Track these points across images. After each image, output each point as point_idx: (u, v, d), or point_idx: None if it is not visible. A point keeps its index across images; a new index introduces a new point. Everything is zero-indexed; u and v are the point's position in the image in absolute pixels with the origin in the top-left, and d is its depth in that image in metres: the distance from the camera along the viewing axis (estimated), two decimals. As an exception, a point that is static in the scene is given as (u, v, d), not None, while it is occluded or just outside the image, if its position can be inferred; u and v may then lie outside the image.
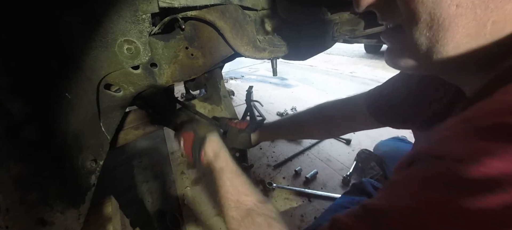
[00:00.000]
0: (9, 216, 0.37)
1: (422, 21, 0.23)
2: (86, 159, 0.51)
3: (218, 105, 0.92)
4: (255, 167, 1.27)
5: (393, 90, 0.54)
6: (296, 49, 0.66)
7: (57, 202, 0.45)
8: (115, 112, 0.56)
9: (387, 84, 0.56)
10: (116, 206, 0.64)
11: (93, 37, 0.43)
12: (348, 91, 2.43)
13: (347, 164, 1.26)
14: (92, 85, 0.47)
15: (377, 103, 0.57)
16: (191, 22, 0.53)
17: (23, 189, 0.40)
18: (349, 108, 0.67)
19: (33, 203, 0.41)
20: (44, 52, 0.42)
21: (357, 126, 0.68)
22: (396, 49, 0.29)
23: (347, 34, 0.71)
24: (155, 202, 1.11)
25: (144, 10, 0.45)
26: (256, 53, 0.59)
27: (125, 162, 1.39)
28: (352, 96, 0.68)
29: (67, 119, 0.47)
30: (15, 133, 0.40)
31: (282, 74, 3.10)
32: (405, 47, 0.27)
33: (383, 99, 0.56)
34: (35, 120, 0.42)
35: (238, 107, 2.05)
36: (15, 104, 0.39)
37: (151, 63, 0.52)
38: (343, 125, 0.70)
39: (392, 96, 0.53)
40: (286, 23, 0.63)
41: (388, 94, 0.55)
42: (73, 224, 0.47)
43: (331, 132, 0.79)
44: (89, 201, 0.51)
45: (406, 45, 0.26)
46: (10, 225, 0.37)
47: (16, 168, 0.39)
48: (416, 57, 0.26)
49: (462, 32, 0.22)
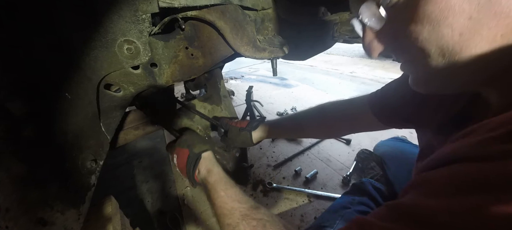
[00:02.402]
0: (9, 216, 0.37)
1: (434, 52, 0.26)
2: (86, 159, 0.51)
3: (218, 105, 0.91)
4: (255, 167, 1.27)
5: (397, 92, 0.54)
6: (296, 49, 0.66)
7: (57, 202, 0.45)
8: (115, 112, 0.56)
9: (390, 86, 0.57)
10: (116, 206, 0.64)
11: (93, 37, 0.43)
12: (348, 91, 2.43)
13: (347, 164, 1.26)
14: (92, 85, 0.47)
15: (382, 105, 0.57)
16: (191, 22, 0.53)
17: (23, 189, 0.40)
18: (352, 110, 0.67)
19: (33, 203, 0.41)
20: (44, 52, 0.42)
21: (360, 127, 0.68)
22: (420, 77, 0.31)
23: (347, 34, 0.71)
24: (155, 202, 1.10)
25: (144, 10, 0.45)
26: (256, 53, 0.59)
27: (125, 162, 1.39)
28: (355, 97, 0.68)
29: (67, 119, 0.47)
30: (15, 133, 0.40)
31: (282, 74, 3.10)
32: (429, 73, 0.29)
33: (388, 101, 0.56)
34: (35, 120, 0.42)
35: (238, 107, 2.05)
36: (15, 104, 0.39)
37: (151, 63, 0.52)
38: (345, 126, 0.70)
39: (397, 97, 0.53)
40: (286, 23, 0.63)
41: (393, 96, 0.55)
42: (73, 224, 0.47)
43: (332, 132, 0.79)
44: (89, 201, 0.51)
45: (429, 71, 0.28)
46: (10, 225, 0.37)
47: (16, 168, 0.39)
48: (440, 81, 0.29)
49: (476, 51, 0.24)
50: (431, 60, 0.27)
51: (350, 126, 0.69)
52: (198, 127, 0.86)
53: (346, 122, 0.68)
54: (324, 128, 0.73)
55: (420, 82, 0.32)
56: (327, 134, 0.83)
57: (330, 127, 0.72)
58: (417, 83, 0.32)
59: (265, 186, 1.13)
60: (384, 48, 0.31)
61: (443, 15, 0.23)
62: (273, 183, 1.14)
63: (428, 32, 0.25)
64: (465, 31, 0.23)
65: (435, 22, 0.24)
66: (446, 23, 0.23)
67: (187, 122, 0.85)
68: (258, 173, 1.24)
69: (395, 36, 0.29)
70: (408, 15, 0.26)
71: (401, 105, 0.52)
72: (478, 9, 0.22)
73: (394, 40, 0.29)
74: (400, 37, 0.28)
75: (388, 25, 0.29)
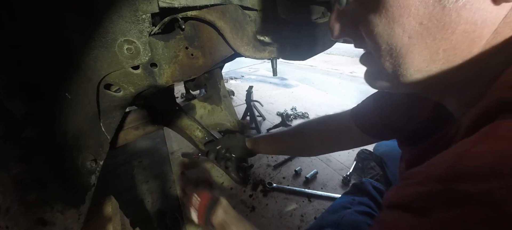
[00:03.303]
0: (9, 216, 0.37)
1: (383, 50, 0.26)
2: (86, 159, 0.51)
3: (218, 105, 0.92)
4: (255, 167, 1.27)
5: (378, 101, 0.53)
6: (296, 49, 0.66)
7: (57, 202, 0.45)
8: (115, 112, 0.56)
9: (370, 98, 0.56)
10: (116, 206, 0.64)
11: (93, 37, 0.43)
12: (348, 91, 2.43)
13: (347, 164, 1.26)
14: (92, 85, 0.47)
15: (366, 118, 0.56)
16: (191, 22, 0.53)
17: (23, 189, 0.40)
18: (336, 124, 0.65)
19: (33, 203, 0.41)
20: (44, 52, 0.42)
21: (344, 141, 0.65)
22: (372, 72, 0.32)
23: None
24: (155, 202, 1.11)
25: (144, 10, 0.45)
26: (256, 53, 0.59)
27: (125, 162, 1.39)
28: (337, 113, 0.66)
29: (67, 119, 0.47)
30: (15, 133, 0.40)
31: (282, 74, 3.10)
32: (379, 70, 0.29)
33: (371, 114, 0.55)
34: (35, 120, 0.42)
35: (238, 107, 2.05)
36: (15, 104, 0.39)
37: (151, 63, 0.52)
38: (329, 142, 0.68)
39: (380, 110, 0.52)
40: (286, 23, 0.62)
41: (375, 109, 0.54)
42: (73, 224, 0.47)
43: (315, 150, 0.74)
44: (89, 201, 0.51)
45: (379, 68, 0.29)
46: (10, 225, 0.37)
47: (16, 168, 0.39)
48: (387, 79, 0.29)
49: (418, 58, 0.24)
50: (380, 57, 0.27)
51: (335, 141, 0.66)
52: (198, 127, 0.86)
53: (330, 138, 0.66)
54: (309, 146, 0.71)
55: (371, 77, 0.32)
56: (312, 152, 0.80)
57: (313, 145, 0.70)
58: (369, 78, 0.32)
59: (265, 186, 1.13)
60: (345, 31, 0.30)
61: (399, 12, 0.23)
62: (273, 183, 1.14)
63: (383, 26, 0.24)
64: (414, 36, 0.23)
65: (391, 18, 0.24)
66: (400, 21, 0.23)
67: (187, 122, 0.85)
68: (258, 173, 1.24)
69: (356, 21, 0.28)
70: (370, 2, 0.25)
71: (385, 116, 0.51)
72: (430, 16, 0.22)
73: (354, 25, 0.29)
74: (360, 24, 0.27)
75: (353, 8, 0.28)
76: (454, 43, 0.22)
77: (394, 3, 0.23)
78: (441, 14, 0.21)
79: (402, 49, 0.24)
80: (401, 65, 0.25)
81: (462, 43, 0.22)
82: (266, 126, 1.75)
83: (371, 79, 0.32)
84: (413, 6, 0.22)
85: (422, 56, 0.24)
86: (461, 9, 0.21)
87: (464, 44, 0.22)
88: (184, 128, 0.85)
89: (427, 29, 0.22)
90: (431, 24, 0.22)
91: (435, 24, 0.22)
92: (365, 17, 0.26)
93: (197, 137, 0.86)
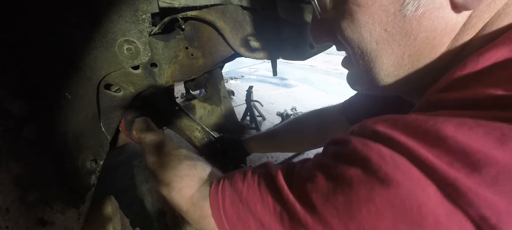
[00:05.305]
0: (9, 216, 0.37)
1: (356, 53, 0.27)
2: (86, 159, 0.51)
3: (218, 106, 0.91)
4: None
5: (369, 98, 0.53)
6: (296, 49, 0.66)
7: (57, 202, 0.45)
8: (115, 112, 0.56)
9: (361, 94, 0.56)
10: (116, 206, 0.64)
11: (93, 37, 0.43)
12: (348, 91, 2.43)
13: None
14: (92, 85, 0.47)
15: (356, 113, 0.56)
16: (191, 22, 0.53)
17: (23, 189, 0.40)
18: (326, 119, 0.65)
19: (33, 203, 0.41)
20: (44, 52, 0.42)
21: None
22: (352, 75, 0.33)
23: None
24: (155, 202, 1.11)
25: (144, 10, 0.45)
26: (256, 53, 0.59)
27: (125, 162, 1.39)
28: (328, 107, 0.67)
29: (67, 119, 0.47)
30: (15, 133, 0.40)
31: (282, 74, 3.10)
32: (357, 73, 0.31)
33: (363, 108, 0.55)
34: (35, 119, 0.42)
35: (238, 107, 2.05)
36: (15, 104, 0.39)
37: (151, 63, 0.52)
38: (320, 137, 0.67)
39: (369, 104, 0.53)
40: (286, 23, 0.63)
41: (365, 103, 0.54)
42: (73, 224, 0.47)
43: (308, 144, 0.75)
44: (89, 201, 0.51)
45: (357, 71, 0.30)
46: (10, 225, 0.37)
47: (16, 168, 0.39)
48: (364, 82, 0.30)
49: (387, 63, 0.26)
50: (355, 60, 0.28)
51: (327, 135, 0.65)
52: (197, 127, 0.86)
53: (320, 132, 0.66)
54: (300, 140, 0.71)
55: (352, 80, 0.33)
56: (303, 146, 0.81)
57: (304, 140, 0.70)
58: (349, 80, 0.34)
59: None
60: (325, 37, 0.32)
61: (364, 19, 0.24)
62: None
63: (352, 31, 0.26)
64: (381, 41, 0.24)
65: (358, 24, 0.25)
66: (366, 27, 0.24)
67: (187, 122, 0.85)
68: (258, 173, 1.24)
69: (332, 27, 0.29)
70: (342, 7, 0.26)
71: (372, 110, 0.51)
72: (393, 24, 0.23)
73: (331, 31, 0.30)
74: (335, 29, 0.28)
75: (328, 16, 0.29)
76: (417, 49, 0.24)
77: (359, 10, 0.24)
78: (403, 22, 0.22)
79: (371, 53, 0.26)
80: (373, 69, 0.27)
81: (424, 49, 0.23)
82: (266, 126, 1.75)
83: (352, 81, 0.34)
84: (376, 14, 0.23)
85: (390, 61, 0.25)
86: (421, 17, 0.22)
87: (426, 50, 0.23)
88: (184, 128, 0.85)
89: (392, 36, 0.24)
90: (394, 31, 0.23)
91: (398, 31, 0.23)
92: (338, 22, 0.27)
93: (197, 137, 0.86)
